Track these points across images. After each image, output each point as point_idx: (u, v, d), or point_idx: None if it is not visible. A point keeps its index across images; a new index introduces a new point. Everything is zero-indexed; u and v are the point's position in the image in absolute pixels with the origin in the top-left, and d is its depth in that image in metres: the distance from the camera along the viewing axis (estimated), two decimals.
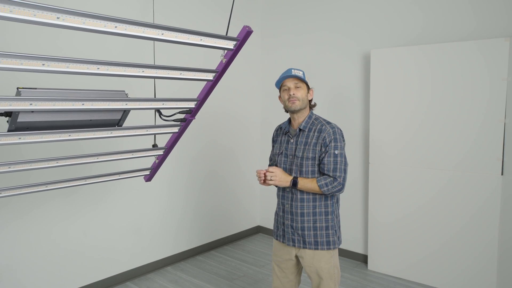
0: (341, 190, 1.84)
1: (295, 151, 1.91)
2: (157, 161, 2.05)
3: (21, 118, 1.32)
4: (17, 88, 1.27)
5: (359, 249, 3.59)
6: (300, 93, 1.87)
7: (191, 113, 1.81)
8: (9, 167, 1.46)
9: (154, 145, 2.01)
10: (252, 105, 4.26)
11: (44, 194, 2.62)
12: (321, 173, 1.86)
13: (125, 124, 1.73)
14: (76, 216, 2.81)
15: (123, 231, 3.13)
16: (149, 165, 2.15)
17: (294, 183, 1.83)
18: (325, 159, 1.82)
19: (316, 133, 1.87)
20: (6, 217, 2.46)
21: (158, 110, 1.75)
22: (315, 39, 3.79)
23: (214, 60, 2.77)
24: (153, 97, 2.08)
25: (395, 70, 3.12)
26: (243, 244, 4.08)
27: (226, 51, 1.60)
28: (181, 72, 1.54)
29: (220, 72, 1.65)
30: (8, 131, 1.34)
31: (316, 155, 1.85)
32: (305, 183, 1.82)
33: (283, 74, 1.90)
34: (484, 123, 2.76)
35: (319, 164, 1.85)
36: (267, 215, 4.36)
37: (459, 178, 2.89)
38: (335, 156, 1.82)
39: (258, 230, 4.45)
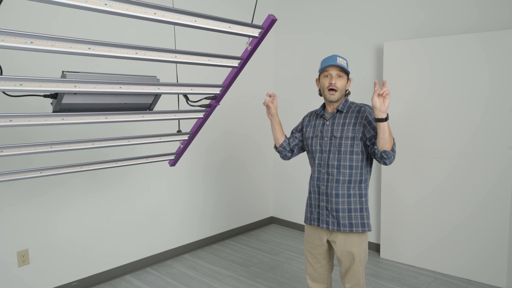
0: (394, 159, 1.81)
1: (332, 132, 1.93)
2: (181, 146, 2.15)
3: (65, 100, 1.42)
4: (62, 72, 1.37)
5: (372, 239, 3.66)
6: (340, 83, 1.89)
7: (216, 99, 1.91)
8: (51, 147, 1.57)
9: (179, 131, 2.11)
10: (266, 93, 4.31)
11: (71, 179, 2.74)
12: (369, 150, 1.87)
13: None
14: (100, 203, 2.93)
15: (143, 219, 3.24)
16: (173, 151, 2.25)
17: (387, 118, 1.72)
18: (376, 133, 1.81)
19: (355, 114, 1.91)
20: (36, 201, 2.58)
21: (185, 96, 1.85)
22: (329, 31, 3.86)
23: (228, 50, 2.87)
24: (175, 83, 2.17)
25: (408, 62, 3.18)
26: (257, 234, 4.18)
27: (251, 39, 1.69)
28: (210, 58, 1.63)
29: (245, 59, 1.75)
30: (53, 112, 1.45)
31: (356, 135, 1.88)
32: (389, 128, 1.75)
33: (328, 60, 1.89)
34: (494, 113, 2.82)
35: (358, 144, 1.88)
36: (280, 206, 4.46)
37: (470, 166, 2.95)
38: None
39: (271, 221, 4.54)
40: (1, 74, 1.24)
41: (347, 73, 1.93)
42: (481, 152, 2.90)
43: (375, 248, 3.63)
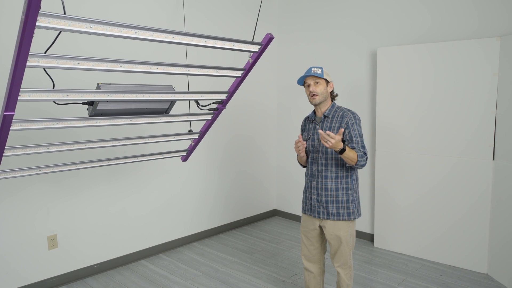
0: (365, 164, 2.17)
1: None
2: (192, 143, 2.46)
3: (99, 107, 1.74)
4: (98, 83, 1.68)
5: (366, 229, 3.95)
6: (319, 88, 2.16)
7: (222, 103, 2.21)
8: (86, 145, 1.89)
9: (190, 131, 2.42)
10: (269, 96, 4.63)
11: (95, 172, 3.07)
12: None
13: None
14: (119, 195, 3.26)
15: (157, 210, 3.57)
16: (184, 148, 2.56)
17: (342, 150, 2.04)
18: (354, 138, 2.14)
19: (339, 118, 2.18)
20: (64, 192, 2.92)
21: (196, 101, 2.15)
22: (327, 36, 4.14)
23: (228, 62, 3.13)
24: (187, 90, 2.48)
25: (400, 67, 3.46)
26: (261, 225, 4.50)
27: (252, 53, 1.99)
28: (217, 70, 1.94)
29: (247, 70, 2.05)
30: (90, 116, 1.77)
31: (340, 137, 2.16)
32: (349, 151, 2.06)
33: (304, 73, 2.19)
34: (477, 114, 3.08)
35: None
36: (283, 199, 4.76)
37: (456, 163, 3.22)
38: (360, 136, 2.16)
39: (274, 213, 4.86)
40: (54, 88, 1.55)
41: (324, 78, 2.19)
42: (465, 150, 3.17)
43: (369, 238, 3.92)
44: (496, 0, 3.02)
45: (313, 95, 2.17)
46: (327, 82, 2.22)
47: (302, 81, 2.24)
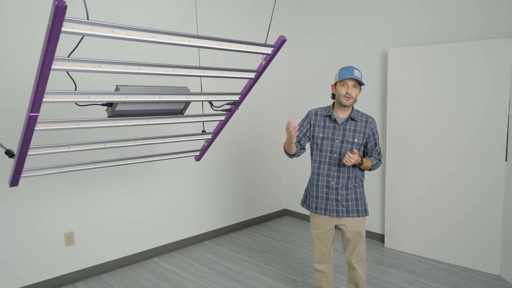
0: (377, 168, 2.37)
1: (344, 137, 2.25)
2: (206, 144, 2.51)
3: (118, 108, 1.80)
4: (116, 85, 1.74)
5: (377, 229, 3.96)
6: (355, 92, 2.18)
7: (235, 104, 2.26)
8: (104, 145, 1.95)
9: (203, 131, 2.47)
10: (279, 96, 4.67)
11: (110, 172, 3.14)
12: (365, 153, 2.36)
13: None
14: (133, 194, 3.33)
15: (169, 208, 3.63)
16: (196, 148, 2.61)
17: (360, 164, 2.22)
18: (376, 146, 2.32)
19: (363, 123, 2.27)
20: (81, 191, 3.00)
21: (210, 102, 2.20)
22: (337, 36, 4.16)
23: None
24: (200, 92, 2.53)
25: (411, 67, 3.46)
26: (271, 224, 4.53)
27: (265, 55, 2.03)
28: (231, 72, 1.98)
29: (260, 72, 2.09)
30: (108, 117, 1.83)
31: (363, 142, 2.27)
32: (365, 162, 2.25)
33: (346, 72, 2.16)
34: (490, 115, 3.07)
35: (362, 148, 2.32)
36: (293, 199, 4.79)
37: (468, 163, 3.22)
38: (379, 143, 2.34)
39: (284, 213, 4.89)
40: (75, 90, 1.61)
41: (360, 85, 2.21)
42: (477, 151, 3.17)
43: (380, 238, 3.93)
44: (508, 0, 3.01)
45: (348, 97, 2.19)
46: (360, 89, 2.25)
47: (342, 77, 2.18)
